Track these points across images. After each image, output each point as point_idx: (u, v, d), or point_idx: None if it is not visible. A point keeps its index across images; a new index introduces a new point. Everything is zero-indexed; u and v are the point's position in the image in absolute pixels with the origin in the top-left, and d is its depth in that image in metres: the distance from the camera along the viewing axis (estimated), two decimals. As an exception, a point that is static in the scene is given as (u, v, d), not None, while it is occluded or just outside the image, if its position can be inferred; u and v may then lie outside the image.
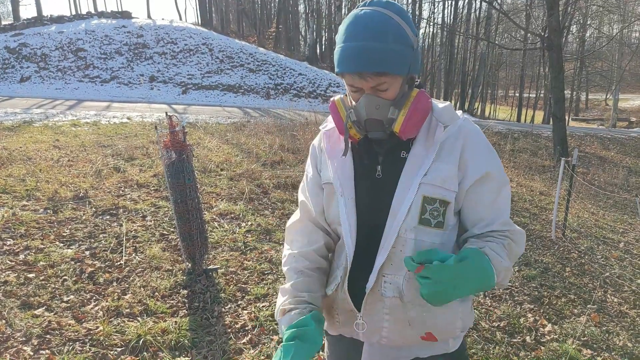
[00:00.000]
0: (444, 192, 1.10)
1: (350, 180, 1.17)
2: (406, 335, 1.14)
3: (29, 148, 7.33)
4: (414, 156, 1.12)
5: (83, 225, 4.45)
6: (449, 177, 1.10)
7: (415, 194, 1.08)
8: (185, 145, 3.51)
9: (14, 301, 3.05)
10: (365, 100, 1.08)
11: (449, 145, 1.11)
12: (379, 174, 1.15)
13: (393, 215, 1.10)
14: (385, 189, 1.13)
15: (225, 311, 3.20)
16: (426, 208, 1.09)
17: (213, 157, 7.62)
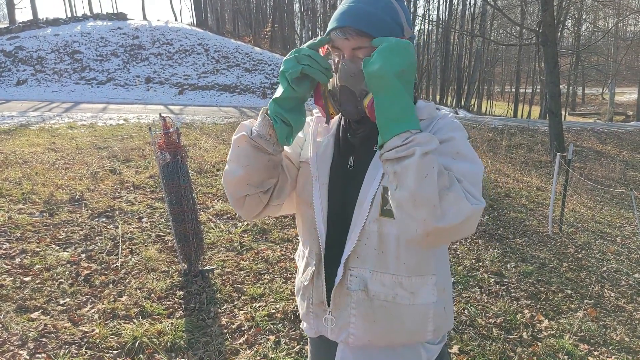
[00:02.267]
0: None
1: (327, 165, 1.17)
2: (373, 332, 1.12)
3: (25, 151, 7.31)
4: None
5: (79, 228, 4.44)
6: None
7: (378, 186, 1.07)
8: (180, 147, 3.51)
9: (9, 305, 3.04)
10: (342, 65, 1.06)
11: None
12: (350, 165, 1.15)
13: (359, 207, 1.09)
14: (354, 181, 1.12)
15: (221, 312, 3.20)
16: (387, 199, 1.05)
17: (209, 158, 7.61)
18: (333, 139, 1.20)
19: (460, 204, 0.91)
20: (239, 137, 1.09)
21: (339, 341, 1.17)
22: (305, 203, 1.19)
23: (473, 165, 1.01)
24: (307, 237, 1.21)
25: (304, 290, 1.22)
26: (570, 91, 34.64)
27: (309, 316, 1.23)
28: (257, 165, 1.08)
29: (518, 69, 31.96)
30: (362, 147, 1.14)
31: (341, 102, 1.09)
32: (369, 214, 1.08)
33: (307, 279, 1.20)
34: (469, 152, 1.04)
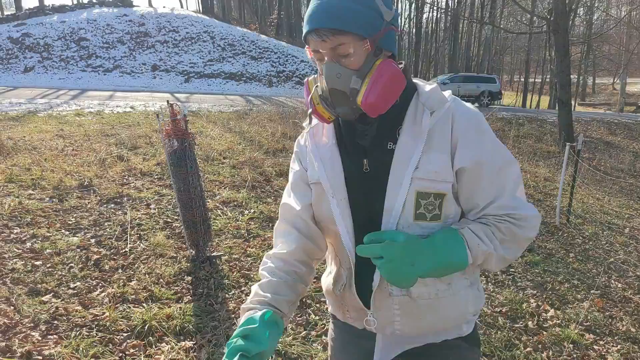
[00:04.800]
0: (438, 185, 1.03)
1: (340, 178, 1.10)
2: (420, 326, 1.12)
3: (33, 138, 7.36)
4: (401, 147, 1.04)
5: (88, 214, 4.49)
6: (442, 167, 1.02)
7: (407, 191, 1.02)
8: (187, 134, 3.52)
9: (21, 288, 3.09)
10: (325, 67, 1.01)
11: (439, 132, 1.03)
12: (366, 168, 1.08)
13: (388, 213, 1.04)
14: (375, 184, 1.06)
15: (229, 297, 3.24)
16: (420, 203, 1.03)
17: (216, 146, 7.63)
18: (336, 148, 1.12)
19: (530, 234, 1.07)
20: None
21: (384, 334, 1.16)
22: (327, 220, 1.13)
23: (508, 168, 1.07)
24: (337, 250, 1.17)
25: (337, 299, 1.21)
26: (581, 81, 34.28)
27: (346, 318, 1.22)
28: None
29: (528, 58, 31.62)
30: (375, 147, 1.07)
31: (335, 105, 1.04)
32: (399, 220, 1.04)
33: (339, 289, 1.17)
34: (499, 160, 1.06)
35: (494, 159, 1.05)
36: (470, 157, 1.02)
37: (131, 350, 2.59)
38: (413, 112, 1.06)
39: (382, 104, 1.00)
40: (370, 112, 1.00)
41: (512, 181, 1.06)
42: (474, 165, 1.03)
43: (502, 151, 1.07)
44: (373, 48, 1.01)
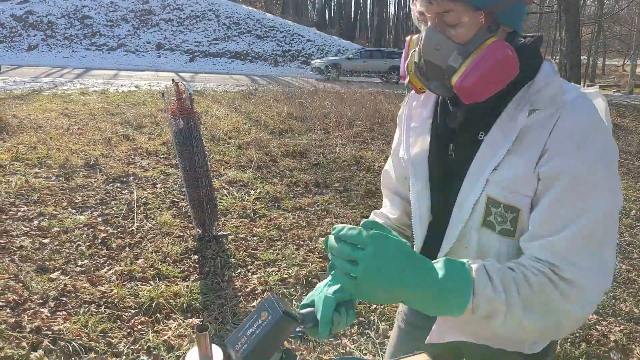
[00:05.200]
0: (511, 197, 0.86)
1: (424, 159, 1.01)
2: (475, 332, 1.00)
3: (38, 116, 7.37)
4: (489, 141, 0.89)
5: (94, 193, 4.51)
6: (522, 177, 0.84)
7: (480, 192, 0.89)
8: (193, 113, 3.51)
9: (30, 265, 3.12)
10: (425, 35, 0.87)
11: (533, 135, 0.83)
12: (451, 153, 0.97)
13: (459, 207, 0.94)
14: (457, 173, 0.94)
15: (235, 276, 3.26)
16: (491, 210, 0.89)
17: (221, 126, 7.61)
18: (430, 123, 1.02)
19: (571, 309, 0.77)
20: None
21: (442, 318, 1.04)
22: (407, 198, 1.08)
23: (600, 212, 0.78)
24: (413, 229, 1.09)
25: None
26: (590, 62, 33.79)
27: None
28: None
29: (536, 39, 31.11)
30: (462, 133, 0.95)
31: (428, 78, 0.91)
32: (468, 221, 0.92)
33: None
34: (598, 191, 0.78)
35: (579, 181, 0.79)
36: (549, 165, 0.81)
37: (139, 326, 2.63)
38: (516, 104, 0.87)
39: (479, 92, 0.83)
40: (464, 97, 0.85)
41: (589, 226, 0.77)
42: (548, 176, 0.81)
43: (602, 185, 0.79)
44: (488, 22, 0.84)
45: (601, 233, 0.79)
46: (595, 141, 0.79)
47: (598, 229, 0.78)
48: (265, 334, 0.79)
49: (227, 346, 0.81)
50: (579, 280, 0.77)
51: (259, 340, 0.79)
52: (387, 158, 1.26)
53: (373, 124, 8.40)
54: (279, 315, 0.81)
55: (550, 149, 0.81)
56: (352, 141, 7.28)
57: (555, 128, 0.81)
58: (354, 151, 6.62)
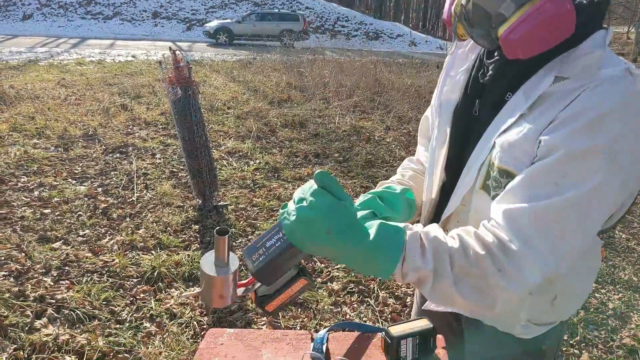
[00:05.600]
0: (508, 161, 0.80)
1: (450, 110, 0.97)
2: None
3: (35, 87, 7.28)
4: (512, 102, 0.83)
5: (94, 163, 4.49)
6: (520, 142, 0.78)
7: (488, 153, 0.84)
8: (191, 82, 3.46)
9: (31, 235, 3.14)
10: None
11: (550, 103, 0.76)
12: (476, 110, 0.92)
13: (467, 169, 0.89)
14: (478, 132, 0.89)
15: (236, 245, 3.28)
16: (490, 174, 0.84)
17: (220, 96, 7.53)
18: (466, 73, 0.96)
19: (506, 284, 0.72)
20: None
21: None
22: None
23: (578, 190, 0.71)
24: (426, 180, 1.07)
25: None
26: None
27: None
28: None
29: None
30: (490, 90, 0.88)
31: (472, 24, 0.83)
32: (474, 184, 0.88)
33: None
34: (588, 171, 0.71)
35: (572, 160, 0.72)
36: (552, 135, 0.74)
37: (141, 295, 2.66)
38: (549, 69, 0.79)
39: (526, 48, 0.76)
40: (508, 51, 0.78)
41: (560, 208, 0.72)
42: (547, 144, 0.74)
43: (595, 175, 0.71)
44: None
45: (573, 220, 0.72)
46: (611, 127, 0.70)
47: (570, 215, 0.72)
48: (284, 249, 0.77)
49: (244, 255, 0.81)
50: (523, 258, 0.72)
51: (276, 254, 0.77)
52: (387, 128, 1.23)
53: (373, 94, 8.31)
54: None
55: (560, 119, 0.74)
56: (351, 111, 7.22)
57: (575, 101, 0.73)
58: (354, 121, 6.57)
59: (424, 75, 9.70)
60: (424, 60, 12.24)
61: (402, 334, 1.04)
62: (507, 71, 0.85)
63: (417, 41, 24.02)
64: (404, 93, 8.30)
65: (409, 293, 2.83)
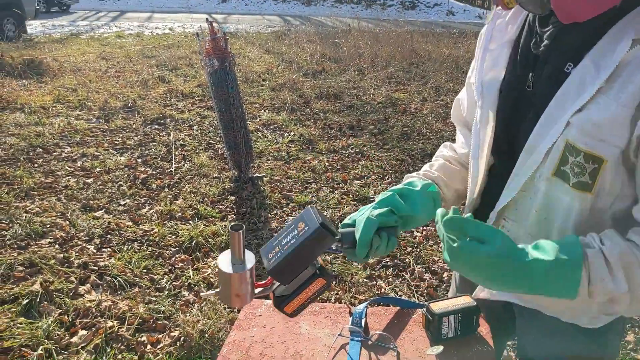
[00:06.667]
0: (595, 144, 0.71)
1: (495, 86, 0.88)
2: None
3: (77, 59, 7.44)
4: (578, 74, 0.73)
5: (134, 134, 4.58)
6: (610, 122, 0.69)
7: (558, 135, 0.74)
8: (227, 53, 3.43)
9: (75, 204, 3.24)
10: None
11: (631, 73, 0.67)
12: (529, 85, 0.82)
13: (529, 151, 0.80)
14: (533, 109, 0.81)
15: (271, 217, 3.30)
16: (567, 158, 0.74)
17: (255, 67, 7.50)
18: (509, 46, 0.88)
19: None
20: None
21: None
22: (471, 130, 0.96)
23: None
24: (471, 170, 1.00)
25: None
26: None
27: None
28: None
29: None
30: (549, 62, 0.79)
31: None
32: (538, 168, 0.79)
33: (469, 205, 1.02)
34: None
35: None
36: None
37: (180, 264, 2.71)
38: (616, 33, 0.70)
39: (583, 8, 0.69)
40: (562, 14, 0.71)
41: None
42: None
43: None
44: None
45: None
46: None
47: None
48: (300, 244, 0.75)
49: (261, 254, 0.79)
50: None
51: (292, 250, 0.75)
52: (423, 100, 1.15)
53: (409, 65, 8.10)
54: (316, 226, 0.76)
55: None
56: (387, 82, 7.06)
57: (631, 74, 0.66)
58: (390, 93, 6.42)
59: (463, 46, 9.36)
60: (462, 30, 11.79)
61: (444, 311, 1.01)
62: (565, 38, 0.76)
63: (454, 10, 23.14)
64: (442, 64, 8.04)
65: (445, 268, 2.78)
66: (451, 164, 1.06)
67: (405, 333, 1.06)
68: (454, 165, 1.05)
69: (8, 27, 9.08)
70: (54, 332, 2.11)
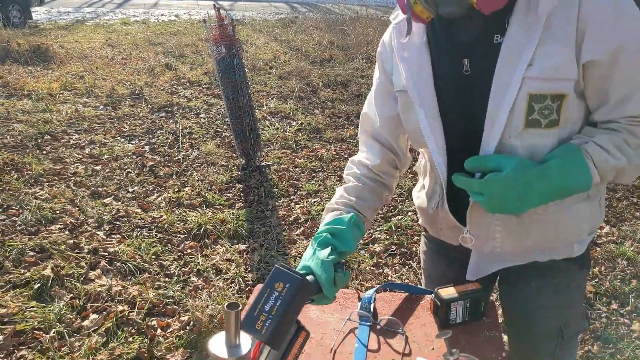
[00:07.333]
0: (557, 85, 0.82)
1: (429, 84, 0.93)
2: (525, 245, 1.00)
3: (83, 46, 7.44)
4: (510, 40, 0.83)
5: (141, 122, 4.60)
6: (563, 62, 0.80)
7: (517, 93, 0.83)
8: (235, 40, 3.43)
9: (84, 191, 3.27)
10: None
11: (559, 18, 0.79)
12: (466, 69, 0.89)
13: (491, 120, 0.87)
14: (477, 88, 0.88)
15: (278, 205, 3.32)
16: (534, 108, 0.83)
17: (262, 55, 7.48)
18: (426, 48, 0.94)
19: None
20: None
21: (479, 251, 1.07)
22: (416, 132, 0.99)
23: None
24: (430, 165, 1.07)
25: (429, 216, 1.12)
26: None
27: (439, 235, 1.14)
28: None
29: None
30: (478, 43, 0.87)
31: (438, 3, 0.81)
32: (505, 128, 0.86)
33: (432, 207, 1.08)
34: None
35: (638, 42, 0.80)
36: (604, 47, 0.80)
37: (188, 250, 2.74)
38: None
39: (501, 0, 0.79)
40: (485, 8, 0.78)
41: None
42: (610, 56, 0.80)
43: None
44: None
45: None
46: (628, 4, 0.79)
47: None
48: (288, 303, 0.75)
49: (245, 330, 0.74)
50: None
51: (283, 312, 0.74)
52: None
53: (418, 53, 8.04)
54: (299, 280, 0.77)
55: (590, 25, 0.79)
56: (395, 71, 7.01)
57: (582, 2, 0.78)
58: (398, 82, 6.38)
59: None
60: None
61: (452, 297, 1.03)
62: (483, 19, 0.84)
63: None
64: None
65: (452, 257, 2.79)
66: (364, 184, 1.08)
67: (414, 318, 1.08)
68: (367, 183, 1.09)
69: (13, 14, 9.06)
70: (65, 316, 2.14)
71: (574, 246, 1.02)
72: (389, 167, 1.11)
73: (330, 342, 1.00)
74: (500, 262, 1.06)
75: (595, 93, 0.85)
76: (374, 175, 1.09)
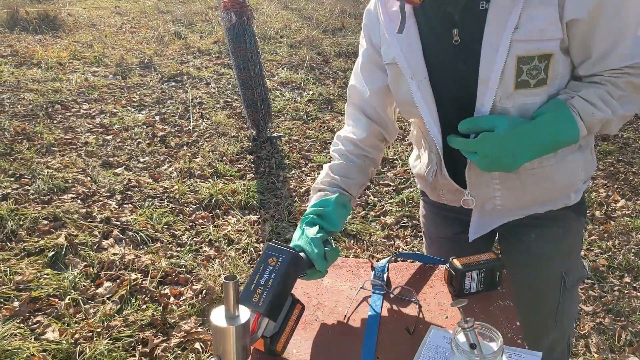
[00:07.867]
0: (543, 45, 0.85)
1: (418, 55, 0.95)
2: (524, 199, 1.04)
3: (92, 14, 7.36)
4: (496, 6, 0.85)
5: (151, 91, 4.57)
6: (548, 23, 0.84)
7: (506, 57, 0.86)
8: (245, 6, 3.36)
9: (95, 160, 3.28)
10: None
11: None
12: (456, 39, 0.91)
13: (483, 85, 0.90)
14: (468, 56, 0.90)
15: (289, 176, 3.30)
16: (522, 69, 0.87)
17: (272, 23, 7.34)
18: (413, 19, 0.95)
19: None
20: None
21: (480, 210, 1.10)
22: (408, 104, 1.00)
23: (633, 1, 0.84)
24: (423, 135, 1.08)
25: (429, 184, 1.14)
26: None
27: (440, 200, 1.16)
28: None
29: None
30: (467, 13, 0.89)
31: None
32: (497, 92, 0.89)
33: (430, 175, 1.10)
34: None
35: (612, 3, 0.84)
36: (585, 5, 0.82)
37: (200, 220, 2.75)
38: None
39: None
40: None
41: (634, 17, 0.85)
42: (591, 13, 0.83)
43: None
44: None
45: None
46: None
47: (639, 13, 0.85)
48: (282, 276, 0.79)
49: (244, 304, 0.77)
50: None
51: (277, 284, 0.78)
52: None
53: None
54: (292, 254, 0.81)
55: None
56: (408, 41, 6.87)
57: None
58: (411, 51, 6.26)
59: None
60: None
61: (467, 266, 1.01)
62: None
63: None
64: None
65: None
66: (350, 161, 1.09)
67: (427, 287, 1.06)
68: (353, 160, 1.10)
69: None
70: (79, 283, 2.18)
71: (570, 195, 1.08)
72: (376, 140, 1.12)
73: (343, 309, 1.00)
74: (501, 218, 1.10)
75: (578, 49, 0.88)
76: (360, 150, 1.11)
